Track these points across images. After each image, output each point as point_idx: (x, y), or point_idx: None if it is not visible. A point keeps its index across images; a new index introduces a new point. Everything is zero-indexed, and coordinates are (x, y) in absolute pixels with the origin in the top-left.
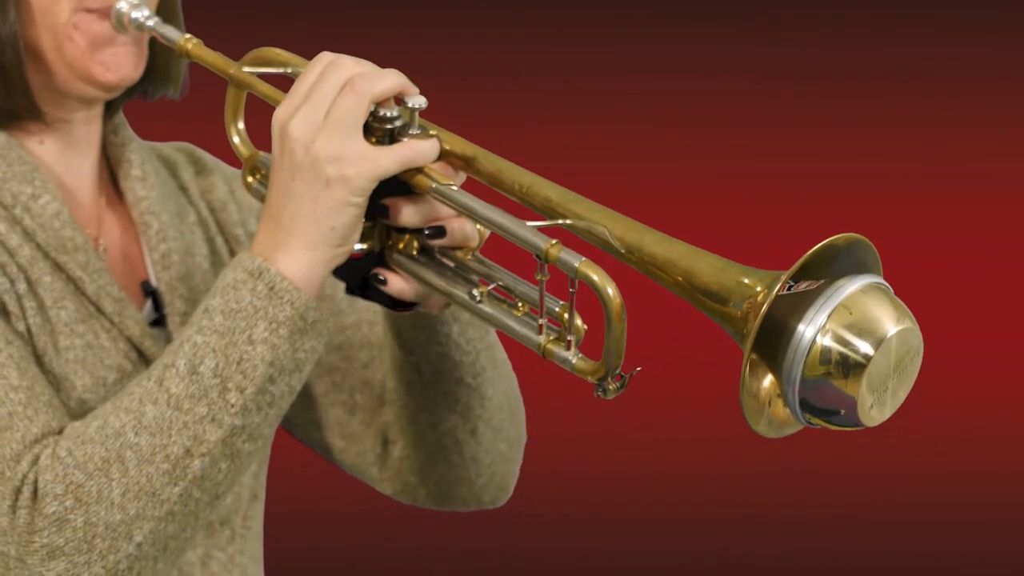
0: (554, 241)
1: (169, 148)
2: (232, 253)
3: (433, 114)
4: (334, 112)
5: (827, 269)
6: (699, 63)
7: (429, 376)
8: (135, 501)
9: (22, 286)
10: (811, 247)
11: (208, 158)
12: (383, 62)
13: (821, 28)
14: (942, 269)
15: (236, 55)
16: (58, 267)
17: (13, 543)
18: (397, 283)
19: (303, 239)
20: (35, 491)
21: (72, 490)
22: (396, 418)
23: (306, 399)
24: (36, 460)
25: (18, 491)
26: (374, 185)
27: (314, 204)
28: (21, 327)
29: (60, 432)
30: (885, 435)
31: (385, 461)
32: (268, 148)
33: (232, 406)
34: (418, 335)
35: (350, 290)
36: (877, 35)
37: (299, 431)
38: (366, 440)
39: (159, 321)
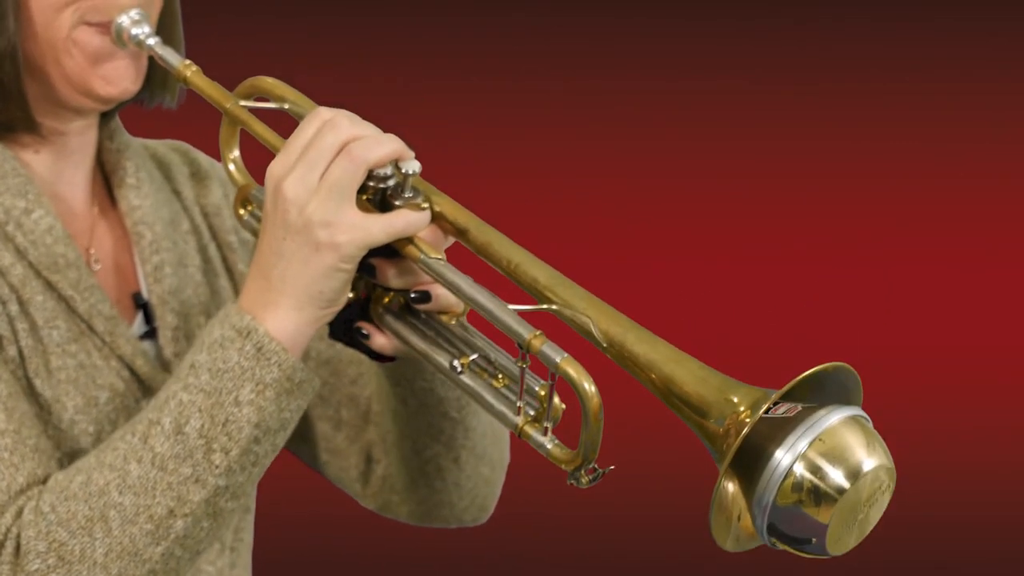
0: (537, 332)
1: (164, 147)
2: (225, 261)
3: (433, 114)
4: (329, 177)
5: (809, 393)
6: (699, 63)
7: (414, 407)
8: (117, 561)
9: (14, 307)
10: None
11: (204, 160)
12: (382, 63)
13: (821, 28)
14: (942, 269)
15: (234, 54)
16: (50, 286)
17: None
18: (379, 340)
19: (291, 300)
20: (17, 547)
21: (55, 548)
22: (380, 440)
23: None
24: (20, 514)
25: (1, 546)
26: (364, 252)
27: (303, 267)
28: (13, 351)
29: (45, 481)
30: (885, 435)
31: (368, 478)
32: (265, 166)
33: (217, 467)
34: (405, 369)
35: (334, 335)
36: (877, 35)
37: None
38: (350, 456)
39: (150, 333)
